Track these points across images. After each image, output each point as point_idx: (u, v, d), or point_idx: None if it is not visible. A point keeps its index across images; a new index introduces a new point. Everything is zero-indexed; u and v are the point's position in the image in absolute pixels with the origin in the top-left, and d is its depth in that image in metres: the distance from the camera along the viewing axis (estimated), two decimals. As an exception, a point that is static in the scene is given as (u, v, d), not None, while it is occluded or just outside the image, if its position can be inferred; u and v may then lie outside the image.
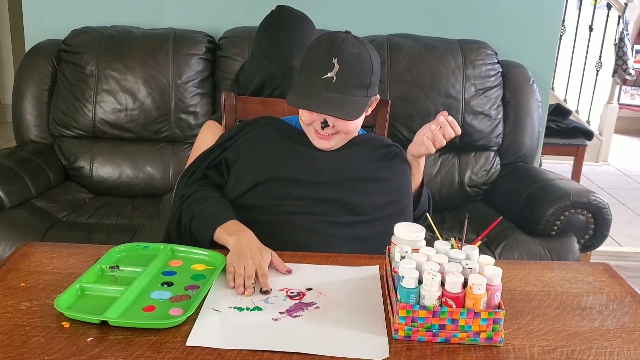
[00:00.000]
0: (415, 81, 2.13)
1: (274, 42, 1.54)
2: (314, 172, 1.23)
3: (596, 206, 1.86)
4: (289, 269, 1.06)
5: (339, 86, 1.16)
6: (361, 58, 1.18)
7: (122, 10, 2.29)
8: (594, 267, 1.13)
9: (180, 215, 1.23)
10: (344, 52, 1.16)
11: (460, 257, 0.91)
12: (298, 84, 1.22)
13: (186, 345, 0.82)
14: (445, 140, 1.22)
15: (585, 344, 0.87)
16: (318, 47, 1.20)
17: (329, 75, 1.16)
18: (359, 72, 1.18)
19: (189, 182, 1.28)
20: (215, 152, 1.31)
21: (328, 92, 1.16)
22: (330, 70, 1.16)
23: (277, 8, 1.59)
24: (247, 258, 1.03)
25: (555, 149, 3.14)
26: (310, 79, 1.18)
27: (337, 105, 1.16)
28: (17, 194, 1.91)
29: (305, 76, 1.20)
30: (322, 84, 1.17)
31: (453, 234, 1.95)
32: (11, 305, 0.90)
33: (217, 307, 0.92)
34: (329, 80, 1.16)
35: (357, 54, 1.18)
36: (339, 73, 1.16)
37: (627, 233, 3.14)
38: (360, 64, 1.18)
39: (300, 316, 0.91)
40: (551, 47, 2.38)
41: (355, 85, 1.18)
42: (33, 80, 2.14)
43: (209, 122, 1.66)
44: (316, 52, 1.19)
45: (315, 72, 1.18)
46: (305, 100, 1.18)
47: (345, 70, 1.16)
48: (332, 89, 1.16)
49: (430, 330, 0.85)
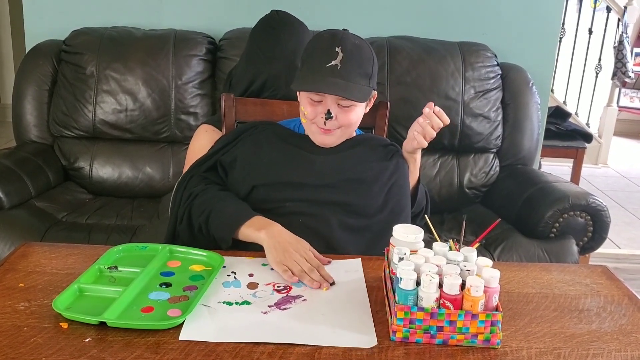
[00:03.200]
0: (414, 83, 2.13)
1: (276, 42, 1.54)
2: (314, 175, 1.23)
3: (595, 209, 1.86)
4: (329, 260, 1.10)
5: (344, 73, 1.19)
6: (362, 48, 1.22)
7: (122, 11, 2.30)
8: (592, 270, 1.14)
9: (189, 216, 1.22)
10: (346, 42, 1.20)
11: (458, 259, 0.91)
12: (302, 74, 1.23)
13: (179, 340, 0.83)
14: (434, 131, 1.24)
15: (583, 346, 0.87)
16: (319, 39, 1.22)
17: (333, 63, 1.18)
18: (361, 60, 1.21)
19: (189, 185, 1.27)
20: (213, 156, 1.31)
21: (334, 78, 1.18)
22: (334, 58, 1.18)
23: (273, 12, 1.59)
24: (292, 252, 1.06)
25: (555, 151, 3.14)
26: (314, 68, 1.20)
27: (344, 88, 1.19)
28: (17, 194, 1.91)
29: (308, 66, 1.22)
30: (327, 71, 1.19)
31: (452, 235, 1.95)
32: (9, 306, 0.90)
33: (207, 302, 0.94)
34: (333, 68, 1.18)
35: (359, 45, 1.22)
36: (342, 61, 1.18)
37: (626, 235, 3.14)
38: (361, 53, 1.22)
39: (289, 309, 0.93)
40: (551, 49, 2.38)
41: (358, 73, 1.21)
42: (33, 80, 2.14)
43: (204, 126, 1.64)
44: (318, 43, 1.22)
45: (318, 61, 1.20)
46: (313, 85, 1.20)
47: (348, 58, 1.19)
48: (338, 75, 1.18)
49: (428, 332, 0.85)
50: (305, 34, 1.56)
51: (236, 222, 1.14)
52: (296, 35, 1.55)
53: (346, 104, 1.21)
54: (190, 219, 1.22)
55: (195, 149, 1.57)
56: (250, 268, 1.07)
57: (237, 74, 1.63)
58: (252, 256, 1.12)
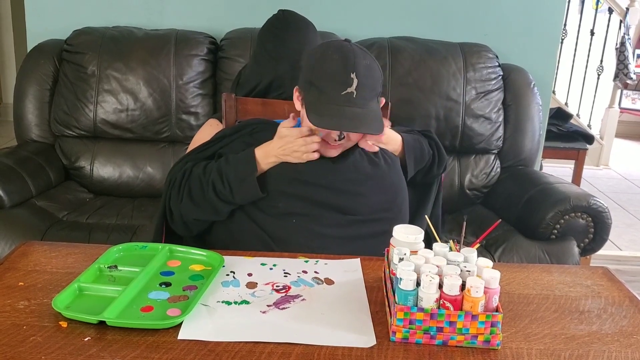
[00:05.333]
0: (416, 84, 2.13)
1: (282, 43, 1.54)
2: (309, 173, 1.23)
3: (596, 210, 1.85)
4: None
5: (360, 100, 1.15)
6: (373, 69, 1.18)
7: (124, 11, 2.30)
8: (593, 271, 1.13)
9: (190, 190, 1.22)
10: (359, 66, 1.15)
11: (458, 259, 0.91)
12: (315, 101, 1.17)
13: (178, 339, 0.83)
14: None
15: (583, 347, 0.87)
16: (330, 62, 1.15)
17: (349, 91, 1.13)
18: (374, 83, 1.18)
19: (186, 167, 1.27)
20: (210, 147, 1.31)
21: (350, 107, 1.14)
22: (349, 85, 1.14)
23: (280, 12, 1.60)
24: (287, 149, 1.18)
25: (556, 152, 3.14)
26: (329, 95, 1.15)
27: (363, 121, 1.15)
28: (18, 193, 1.91)
29: (320, 93, 1.16)
30: (343, 100, 1.14)
31: (453, 236, 1.95)
32: (9, 305, 0.90)
33: (206, 301, 0.94)
34: (349, 96, 1.14)
35: (369, 65, 1.17)
36: (358, 87, 1.14)
37: (627, 237, 3.14)
38: (373, 75, 1.18)
39: (288, 308, 0.93)
40: (552, 50, 2.38)
41: (372, 97, 1.18)
42: (35, 79, 2.15)
43: (211, 120, 1.68)
44: (331, 68, 1.15)
45: (333, 88, 1.14)
46: (333, 120, 1.14)
47: (363, 83, 1.14)
48: (354, 104, 1.14)
49: (428, 332, 0.85)
50: (311, 34, 1.56)
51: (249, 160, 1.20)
52: (302, 35, 1.55)
53: None
54: (191, 194, 1.22)
55: (198, 139, 1.59)
56: (249, 267, 1.06)
57: (245, 74, 1.64)
58: (251, 256, 1.12)
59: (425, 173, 1.39)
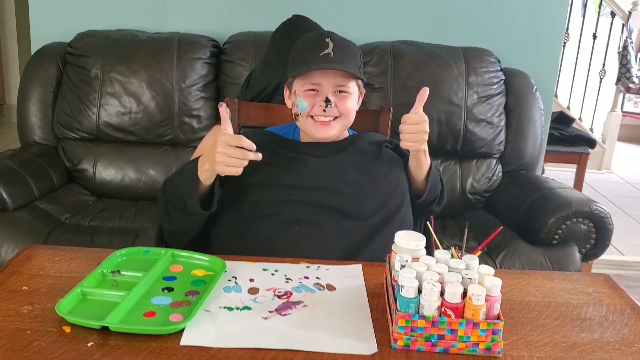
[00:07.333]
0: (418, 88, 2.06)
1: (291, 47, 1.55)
2: (307, 177, 1.23)
3: (598, 215, 1.85)
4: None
5: (338, 59, 1.22)
6: (350, 42, 1.28)
7: (127, 14, 2.31)
8: (594, 278, 1.13)
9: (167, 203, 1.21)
10: (334, 35, 1.25)
11: (460, 267, 0.91)
12: (295, 66, 1.25)
13: (181, 345, 0.83)
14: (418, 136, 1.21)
15: (585, 355, 0.87)
16: (306, 37, 1.27)
17: (325, 52, 1.21)
18: (352, 51, 1.26)
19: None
20: None
21: (329, 63, 1.21)
22: (325, 47, 1.22)
23: (294, 17, 1.61)
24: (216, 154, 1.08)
25: (558, 156, 3.14)
26: (307, 59, 1.22)
27: (341, 67, 1.21)
28: (20, 196, 1.92)
29: (300, 59, 1.24)
30: (322, 59, 1.21)
31: (454, 241, 1.95)
32: (13, 309, 0.90)
33: (208, 307, 0.94)
34: (327, 55, 1.21)
35: (346, 39, 1.28)
36: (335, 49, 1.22)
37: (629, 242, 3.13)
38: (350, 45, 1.27)
39: (289, 314, 0.93)
40: (554, 54, 2.38)
41: (351, 60, 1.24)
42: (38, 82, 2.16)
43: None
44: (306, 40, 1.26)
45: (310, 52, 1.22)
46: (309, 66, 1.22)
47: (339, 46, 1.23)
48: (332, 61, 1.21)
49: (429, 340, 0.85)
50: None
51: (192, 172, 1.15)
52: None
53: (343, 91, 1.24)
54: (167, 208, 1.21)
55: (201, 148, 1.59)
56: (251, 273, 1.07)
57: (255, 76, 1.65)
58: (253, 261, 1.12)
59: (426, 206, 1.36)
